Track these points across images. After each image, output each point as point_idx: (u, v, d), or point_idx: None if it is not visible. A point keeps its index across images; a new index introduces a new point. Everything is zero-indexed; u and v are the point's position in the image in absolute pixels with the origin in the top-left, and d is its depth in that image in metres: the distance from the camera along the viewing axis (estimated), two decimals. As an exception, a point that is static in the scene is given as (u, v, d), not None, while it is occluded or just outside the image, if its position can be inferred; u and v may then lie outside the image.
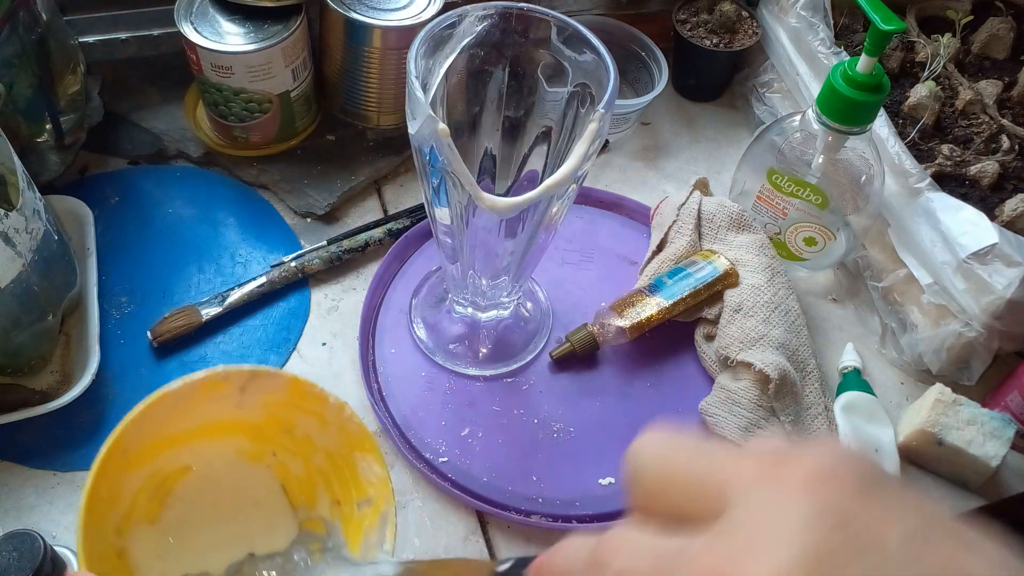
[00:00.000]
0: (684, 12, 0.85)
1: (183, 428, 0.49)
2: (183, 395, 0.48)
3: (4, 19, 0.61)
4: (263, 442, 0.52)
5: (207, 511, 0.51)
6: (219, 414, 0.50)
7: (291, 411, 0.51)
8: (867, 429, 0.62)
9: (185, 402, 0.48)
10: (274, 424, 0.51)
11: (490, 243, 0.54)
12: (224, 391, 0.49)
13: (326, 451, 0.51)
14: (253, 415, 0.51)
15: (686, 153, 0.84)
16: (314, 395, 0.49)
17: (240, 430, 0.51)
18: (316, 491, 0.52)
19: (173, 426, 0.49)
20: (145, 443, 0.48)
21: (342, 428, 0.50)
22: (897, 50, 0.77)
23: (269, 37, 0.68)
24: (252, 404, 0.50)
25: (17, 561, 0.44)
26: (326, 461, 0.51)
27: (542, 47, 0.53)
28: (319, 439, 0.51)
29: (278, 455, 0.52)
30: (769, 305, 0.65)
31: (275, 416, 0.51)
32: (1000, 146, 0.70)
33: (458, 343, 0.67)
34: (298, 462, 0.52)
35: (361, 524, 0.49)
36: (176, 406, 0.48)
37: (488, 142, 0.58)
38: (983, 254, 0.60)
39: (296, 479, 0.52)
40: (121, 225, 0.72)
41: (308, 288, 0.70)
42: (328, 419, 0.50)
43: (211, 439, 0.51)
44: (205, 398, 0.49)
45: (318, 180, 0.75)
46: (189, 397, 0.48)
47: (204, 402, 0.49)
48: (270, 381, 0.50)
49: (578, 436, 0.63)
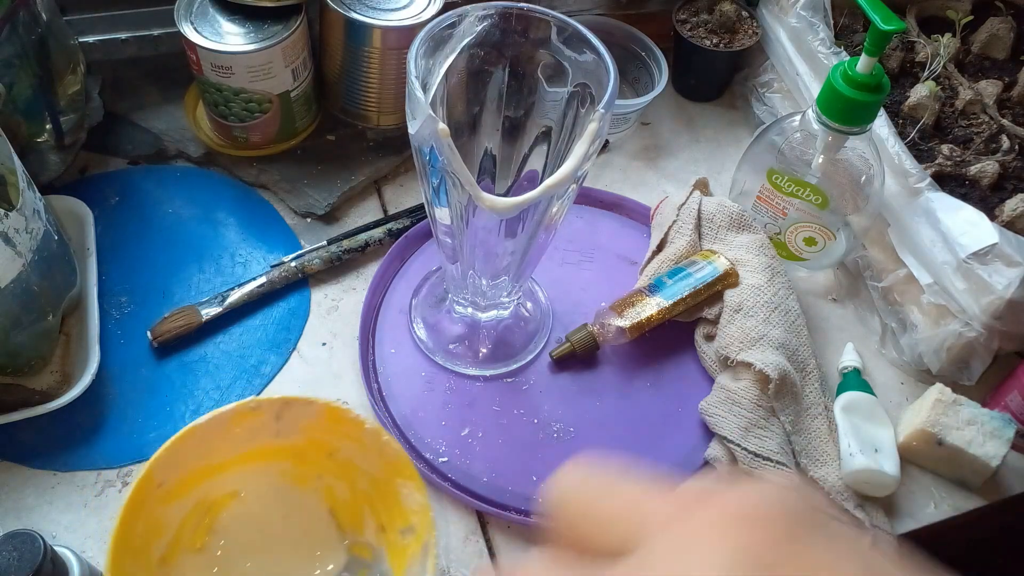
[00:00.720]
0: (684, 12, 0.85)
1: (224, 457, 0.50)
2: (215, 426, 0.48)
3: (4, 19, 0.61)
4: (308, 465, 0.52)
5: (255, 538, 0.51)
6: (259, 442, 0.50)
7: (330, 436, 0.50)
8: (867, 429, 0.62)
9: (221, 432, 0.49)
10: (317, 448, 0.51)
11: (490, 243, 0.54)
12: (258, 420, 0.49)
13: (370, 476, 0.51)
14: (293, 440, 0.50)
15: (686, 153, 0.84)
16: (350, 419, 0.50)
17: (284, 455, 0.51)
18: (363, 516, 0.51)
19: (213, 456, 0.49)
20: (184, 475, 0.48)
21: (381, 452, 0.50)
22: (897, 50, 0.77)
23: (269, 37, 0.68)
24: (290, 431, 0.50)
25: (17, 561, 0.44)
26: (371, 486, 0.51)
27: (542, 47, 0.53)
28: (362, 463, 0.51)
29: (324, 477, 0.52)
30: (769, 305, 0.65)
31: (315, 440, 0.51)
32: (1000, 146, 0.70)
33: (458, 343, 0.67)
34: (344, 486, 0.52)
35: (404, 552, 0.49)
36: (211, 437, 0.48)
37: (488, 142, 0.58)
38: (983, 254, 0.60)
39: (343, 503, 0.52)
40: (121, 225, 0.72)
41: (308, 288, 0.70)
42: (367, 444, 0.50)
43: (256, 464, 0.51)
44: (242, 429, 0.49)
45: (318, 180, 0.75)
46: (223, 428, 0.49)
47: (242, 432, 0.49)
48: (305, 408, 0.50)
49: (578, 436, 0.63)
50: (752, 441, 0.60)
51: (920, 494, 0.63)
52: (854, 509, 0.59)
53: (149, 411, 0.62)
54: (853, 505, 0.60)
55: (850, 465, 0.60)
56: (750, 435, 0.60)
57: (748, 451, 0.60)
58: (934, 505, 0.63)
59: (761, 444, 0.60)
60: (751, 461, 0.59)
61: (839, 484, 0.60)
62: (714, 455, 0.61)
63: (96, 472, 0.59)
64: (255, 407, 0.49)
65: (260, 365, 0.65)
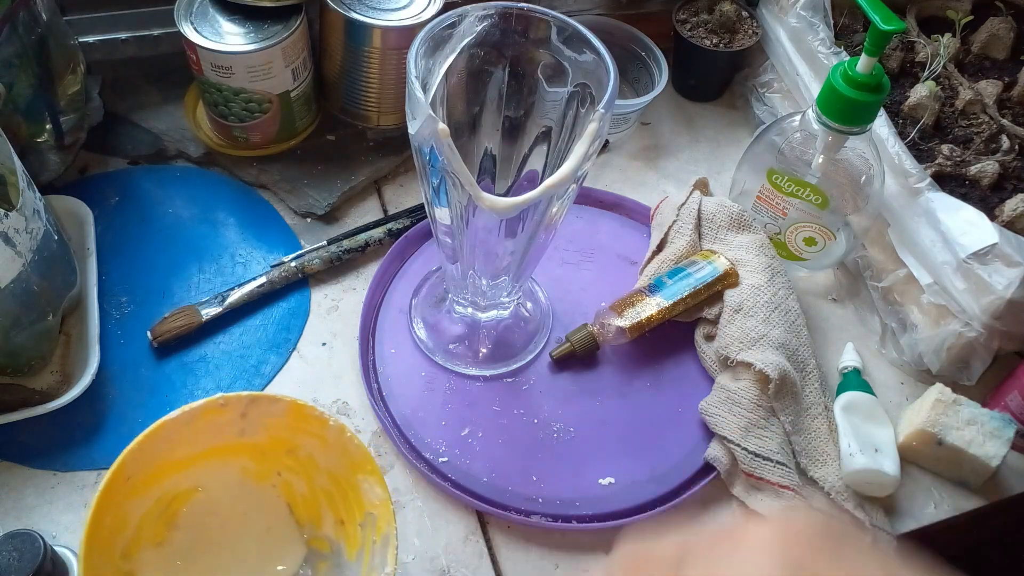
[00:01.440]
0: (684, 12, 0.85)
1: (187, 453, 0.50)
2: (184, 422, 0.49)
3: (4, 19, 0.61)
4: (267, 462, 0.52)
5: (215, 533, 0.52)
6: (222, 439, 0.51)
7: (293, 433, 0.51)
8: (867, 429, 0.62)
9: (187, 429, 0.49)
10: (277, 445, 0.52)
11: (490, 243, 0.54)
12: (225, 417, 0.50)
13: (329, 472, 0.51)
14: (256, 438, 0.51)
15: (686, 153, 0.84)
16: (314, 417, 0.50)
17: (244, 451, 0.52)
18: (321, 510, 0.52)
19: (177, 451, 0.50)
20: (149, 469, 0.49)
21: (344, 449, 0.50)
22: (897, 50, 0.77)
23: (269, 37, 0.68)
24: (254, 429, 0.51)
25: (17, 561, 0.44)
26: (329, 481, 0.52)
27: (542, 47, 0.53)
28: (322, 460, 0.51)
29: (283, 474, 0.53)
30: (769, 305, 0.65)
31: (277, 438, 0.51)
32: (1000, 146, 0.70)
33: (458, 343, 0.67)
34: (302, 481, 0.53)
35: (364, 545, 0.50)
36: (178, 433, 0.49)
37: (488, 142, 0.58)
38: (983, 254, 0.60)
39: (302, 498, 0.53)
40: (121, 225, 0.72)
41: (308, 288, 0.70)
42: (330, 440, 0.50)
43: (216, 461, 0.51)
44: (207, 425, 0.50)
45: (318, 180, 0.75)
46: (190, 424, 0.49)
47: (207, 429, 0.50)
48: (271, 406, 0.50)
49: (578, 436, 0.63)
50: (752, 441, 0.60)
51: (920, 494, 0.63)
52: (854, 509, 0.59)
53: (149, 411, 0.62)
54: (853, 505, 0.60)
55: (850, 465, 0.60)
56: (750, 435, 0.60)
57: (748, 451, 0.60)
58: (934, 505, 0.63)
59: (761, 444, 0.60)
60: (751, 461, 0.59)
61: (839, 484, 0.60)
62: (714, 455, 0.61)
63: (96, 472, 0.59)
64: (223, 403, 0.50)
65: (260, 365, 0.65)
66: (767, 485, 0.59)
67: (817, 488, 0.61)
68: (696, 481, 0.61)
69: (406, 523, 0.59)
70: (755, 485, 0.60)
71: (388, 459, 0.62)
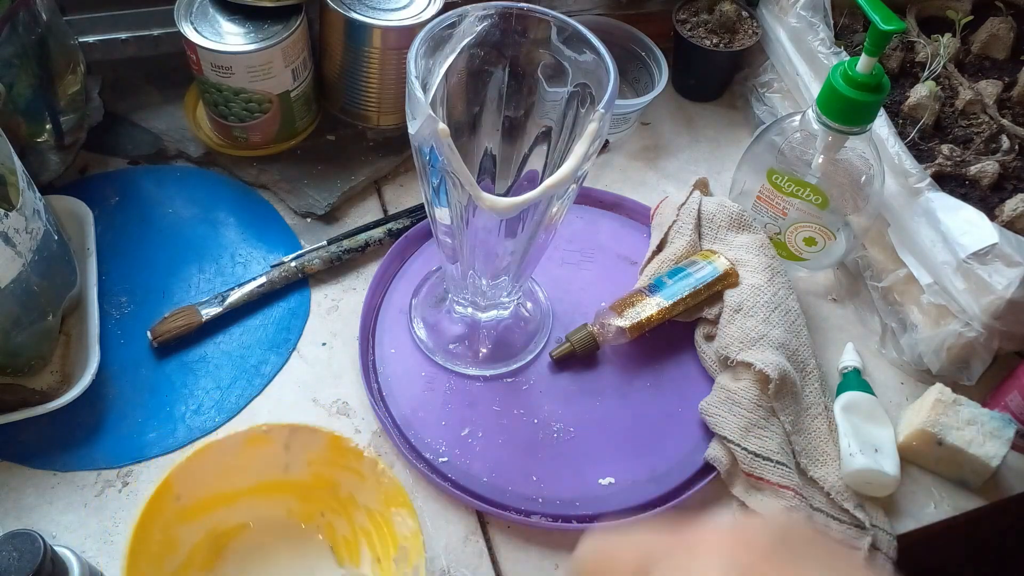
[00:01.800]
0: (684, 12, 0.85)
1: (237, 486, 0.53)
2: (229, 447, 0.52)
3: (4, 19, 0.62)
4: (312, 502, 0.55)
5: (260, 569, 0.54)
6: (269, 475, 0.54)
7: (333, 469, 0.54)
8: (867, 429, 0.62)
9: (234, 457, 0.52)
10: (321, 484, 0.54)
11: (490, 243, 0.54)
12: (269, 448, 0.53)
13: (367, 508, 0.54)
14: (300, 476, 0.54)
15: (686, 153, 0.84)
16: (350, 450, 0.52)
17: (290, 490, 0.55)
18: (360, 550, 0.54)
19: (227, 482, 0.53)
20: (200, 495, 0.52)
21: (378, 482, 0.52)
22: (897, 50, 0.77)
23: (269, 37, 0.68)
24: (298, 464, 0.54)
25: (17, 561, 0.44)
26: (367, 519, 0.54)
27: (542, 47, 0.53)
28: (360, 496, 0.54)
29: (326, 515, 0.55)
30: (769, 305, 0.65)
31: (320, 475, 0.54)
32: (1000, 146, 0.70)
33: (458, 343, 0.67)
34: (344, 522, 0.55)
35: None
36: (225, 459, 0.52)
37: (488, 142, 0.58)
38: (983, 254, 0.60)
39: (343, 539, 0.55)
40: (121, 225, 0.72)
41: (308, 288, 0.70)
42: (365, 474, 0.53)
43: (264, 498, 0.54)
44: (253, 456, 0.53)
45: (318, 180, 0.75)
46: (236, 452, 0.52)
47: (253, 460, 0.53)
48: (311, 437, 0.53)
49: (578, 436, 0.63)
50: (752, 441, 0.60)
51: (920, 494, 0.63)
52: (854, 509, 0.59)
53: (149, 411, 0.62)
54: (853, 505, 0.60)
55: (850, 465, 0.60)
56: (750, 435, 0.60)
57: (748, 451, 0.60)
58: (934, 505, 0.63)
59: (761, 444, 0.60)
60: (751, 461, 0.59)
61: (839, 484, 0.60)
62: (714, 455, 0.61)
63: (96, 472, 0.59)
64: (267, 430, 0.53)
65: (260, 365, 0.65)
66: (767, 485, 0.59)
67: (817, 488, 0.61)
68: (696, 481, 0.61)
69: (406, 523, 0.59)
70: (755, 485, 0.60)
71: (388, 459, 0.62)
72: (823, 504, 0.60)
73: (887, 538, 0.59)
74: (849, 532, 0.59)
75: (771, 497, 0.59)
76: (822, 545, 0.25)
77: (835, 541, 0.27)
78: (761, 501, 0.59)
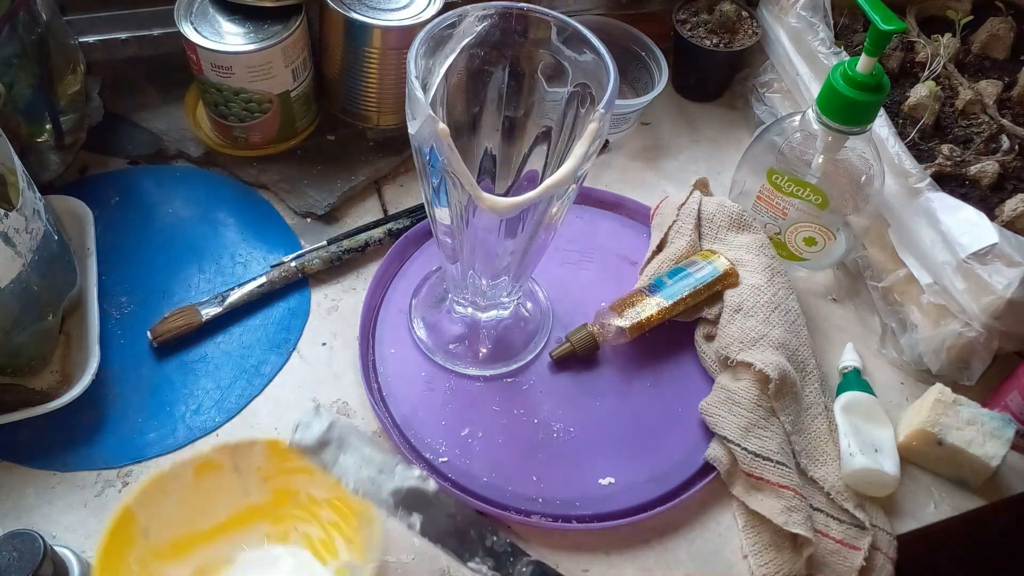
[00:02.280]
0: (684, 12, 0.85)
1: (211, 522, 0.54)
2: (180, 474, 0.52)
3: (4, 19, 0.61)
4: (283, 520, 0.56)
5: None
6: (235, 505, 0.55)
7: (285, 477, 0.54)
8: (867, 429, 0.62)
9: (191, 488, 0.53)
10: (283, 500, 0.55)
11: (490, 243, 0.54)
12: (219, 473, 0.53)
13: (326, 500, 0.54)
14: (263, 498, 0.55)
15: (686, 153, 0.84)
16: (287, 450, 0.52)
17: (260, 515, 0.55)
18: (335, 543, 0.55)
19: (197, 518, 0.54)
20: (172, 533, 0.53)
21: None
22: (897, 50, 0.77)
23: (269, 37, 0.68)
24: (255, 485, 0.54)
25: (17, 561, 0.44)
26: (330, 510, 0.54)
27: (542, 47, 0.53)
28: (317, 491, 0.54)
29: (299, 528, 0.56)
30: (769, 305, 0.65)
31: (279, 491, 0.55)
32: (1000, 146, 0.70)
33: (458, 343, 0.67)
34: (314, 527, 0.55)
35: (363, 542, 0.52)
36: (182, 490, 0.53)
37: (488, 142, 0.58)
38: (983, 254, 0.60)
39: (320, 542, 0.55)
40: (121, 225, 0.72)
41: (308, 288, 0.70)
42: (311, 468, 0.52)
43: (240, 530, 0.55)
44: (209, 486, 0.53)
45: (318, 180, 0.75)
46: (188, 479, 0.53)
47: (212, 492, 0.54)
48: (250, 450, 0.53)
49: (578, 436, 0.63)
50: (752, 441, 0.60)
51: (920, 494, 0.63)
52: (854, 509, 0.59)
53: (149, 411, 0.62)
54: (853, 505, 0.60)
55: (850, 465, 0.60)
56: (750, 435, 0.60)
57: (748, 451, 0.60)
58: (934, 505, 0.63)
59: (761, 444, 0.60)
60: (751, 461, 0.59)
61: (839, 484, 0.60)
62: (714, 455, 0.62)
63: (96, 472, 0.59)
64: (209, 453, 0.53)
65: (260, 365, 0.65)
66: (767, 485, 0.59)
67: (817, 488, 0.61)
68: (696, 481, 0.61)
69: (406, 523, 0.59)
70: (755, 485, 0.60)
71: (388, 459, 0.62)
72: (823, 504, 0.60)
73: (887, 538, 0.60)
74: (849, 532, 0.59)
75: (771, 497, 0.59)
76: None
77: None
78: (761, 501, 0.59)
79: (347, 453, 0.48)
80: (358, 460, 0.47)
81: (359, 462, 0.47)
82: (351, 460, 0.47)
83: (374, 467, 0.47)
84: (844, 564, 0.58)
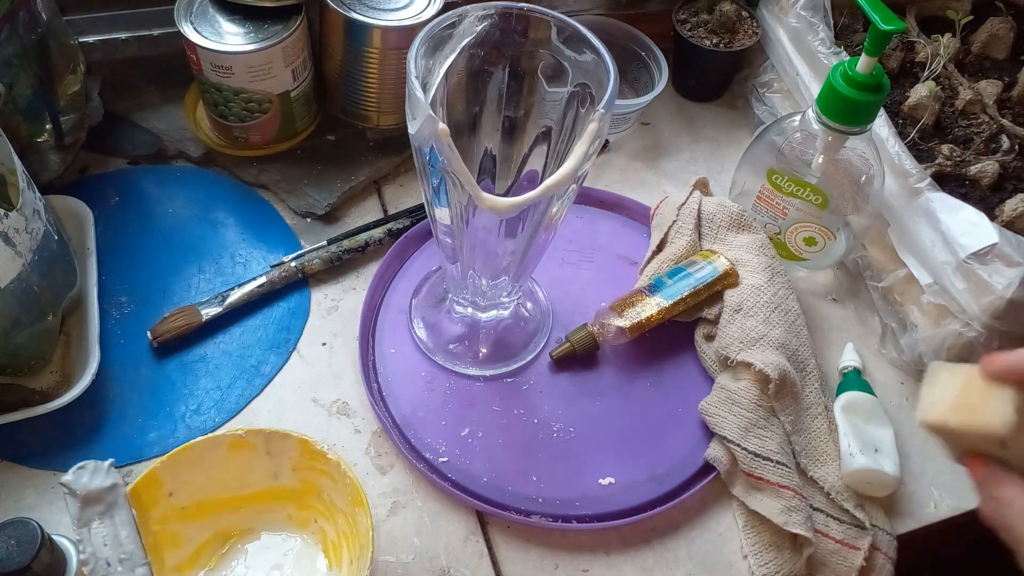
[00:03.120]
0: (684, 12, 0.85)
1: (237, 492, 0.55)
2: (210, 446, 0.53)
3: (4, 19, 0.62)
4: (307, 509, 0.56)
5: (263, 571, 0.56)
6: (264, 483, 0.56)
7: (313, 474, 0.55)
8: (867, 429, 0.62)
9: (219, 458, 0.54)
10: (310, 491, 0.56)
11: (490, 243, 0.54)
12: (251, 451, 0.54)
13: (344, 512, 0.54)
14: (291, 483, 0.56)
15: (686, 153, 0.84)
16: (319, 453, 0.53)
17: (287, 497, 0.56)
18: (342, 553, 0.55)
19: (223, 487, 0.55)
20: (197, 496, 0.54)
21: (344, 484, 0.53)
22: (897, 50, 0.77)
23: (269, 37, 0.68)
24: (285, 471, 0.55)
25: (16, 547, 0.44)
26: (345, 522, 0.55)
27: (542, 47, 0.53)
28: (338, 500, 0.55)
29: (318, 521, 0.56)
30: (769, 305, 0.65)
31: (306, 481, 0.55)
32: (1000, 146, 0.70)
33: (458, 343, 0.67)
34: (331, 527, 0.56)
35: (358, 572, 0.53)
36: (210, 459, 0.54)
37: (488, 142, 0.58)
38: (983, 254, 0.60)
39: (332, 544, 0.56)
40: (121, 225, 0.72)
41: (308, 288, 0.70)
42: (335, 477, 0.53)
43: (267, 505, 0.56)
44: (239, 459, 0.54)
45: (318, 180, 0.75)
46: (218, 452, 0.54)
47: (242, 466, 0.55)
48: (284, 442, 0.54)
49: (578, 436, 0.63)
50: (752, 441, 0.60)
51: (920, 494, 0.63)
52: (854, 509, 0.59)
53: (149, 411, 0.62)
54: (853, 505, 0.60)
55: (850, 465, 0.60)
56: (750, 435, 0.60)
57: (748, 451, 0.60)
58: (934, 505, 0.63)
59: (761, 444, 0.60)
60: (751, 461, 0.59)
61: (839, 484, 0.60)
62: (714, 455, 0.61)
63: (96, 472, 0.59)
64: (243, 434, 0.54)
65: (260, 365, 0.65)
66: (767, 485, 0.59)
67: (817, 488, 0.61)
68: (696, 481, 0.61)
69: (406, 523, 0.59)
70: (755, 485, 0.60)
71: (388, 459, 0.62)
72: (823, 504, 0.60)
73: (887, 538, 0.60)
74: (849, 532, 0.59)
75: (771, 497, 0.59)
76: None
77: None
78: (761, 501, 0.59)
79: (104, 524, 0.46)
80: (110, 537, 0.46)
81: (109, 539, 0.46)
82: (103, 532, 0.46)
83: (119, 552, 0.46)
84: (844, 564, 0.58)
